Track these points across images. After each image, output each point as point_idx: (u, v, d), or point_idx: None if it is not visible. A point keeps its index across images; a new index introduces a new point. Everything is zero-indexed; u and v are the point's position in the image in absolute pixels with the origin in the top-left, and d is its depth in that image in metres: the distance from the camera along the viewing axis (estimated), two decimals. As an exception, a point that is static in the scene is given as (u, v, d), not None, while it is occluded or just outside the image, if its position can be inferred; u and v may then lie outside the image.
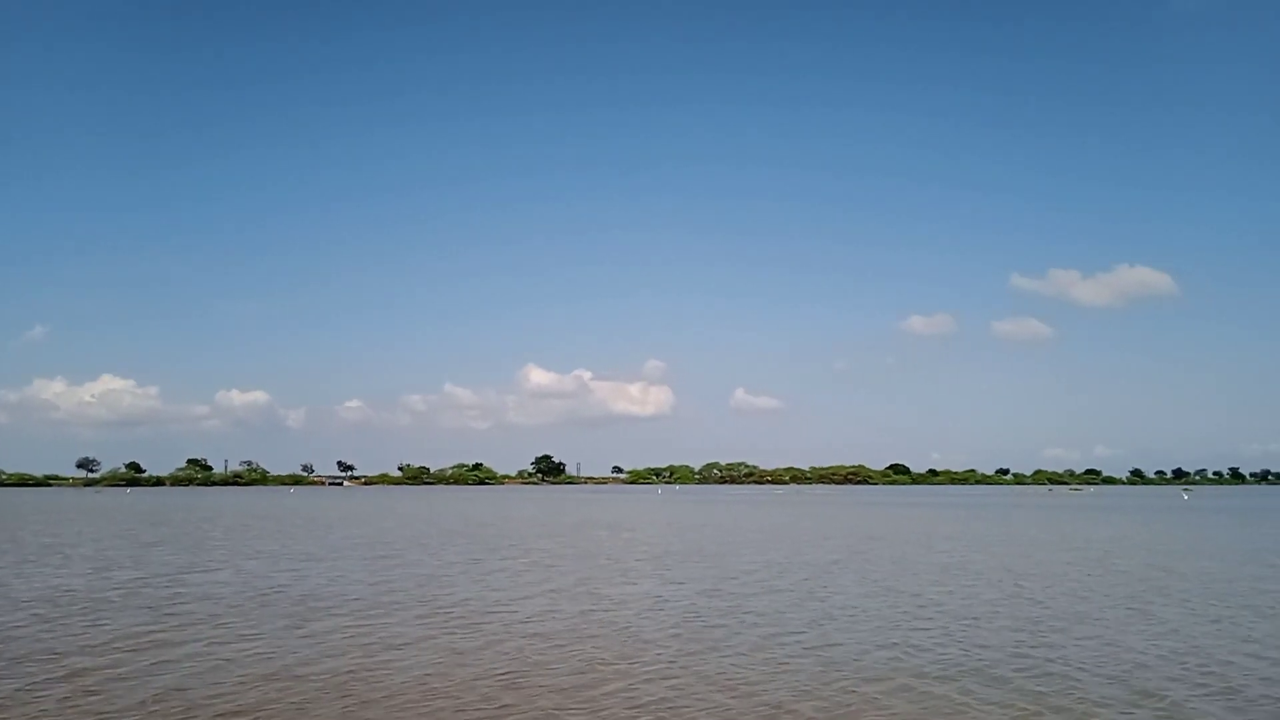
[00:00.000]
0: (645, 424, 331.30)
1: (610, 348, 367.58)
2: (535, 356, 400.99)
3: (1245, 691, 12.96)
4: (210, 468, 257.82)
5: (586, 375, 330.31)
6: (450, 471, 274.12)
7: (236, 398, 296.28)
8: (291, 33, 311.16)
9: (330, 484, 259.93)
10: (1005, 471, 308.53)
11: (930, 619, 19.09)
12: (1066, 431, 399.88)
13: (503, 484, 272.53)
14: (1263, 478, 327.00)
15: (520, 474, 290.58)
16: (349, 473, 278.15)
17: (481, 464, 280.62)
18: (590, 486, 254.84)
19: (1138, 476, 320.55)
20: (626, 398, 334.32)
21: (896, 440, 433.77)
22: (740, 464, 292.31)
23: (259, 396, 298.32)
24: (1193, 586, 24.91)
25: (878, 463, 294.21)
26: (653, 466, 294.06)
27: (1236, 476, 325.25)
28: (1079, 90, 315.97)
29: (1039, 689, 13.02)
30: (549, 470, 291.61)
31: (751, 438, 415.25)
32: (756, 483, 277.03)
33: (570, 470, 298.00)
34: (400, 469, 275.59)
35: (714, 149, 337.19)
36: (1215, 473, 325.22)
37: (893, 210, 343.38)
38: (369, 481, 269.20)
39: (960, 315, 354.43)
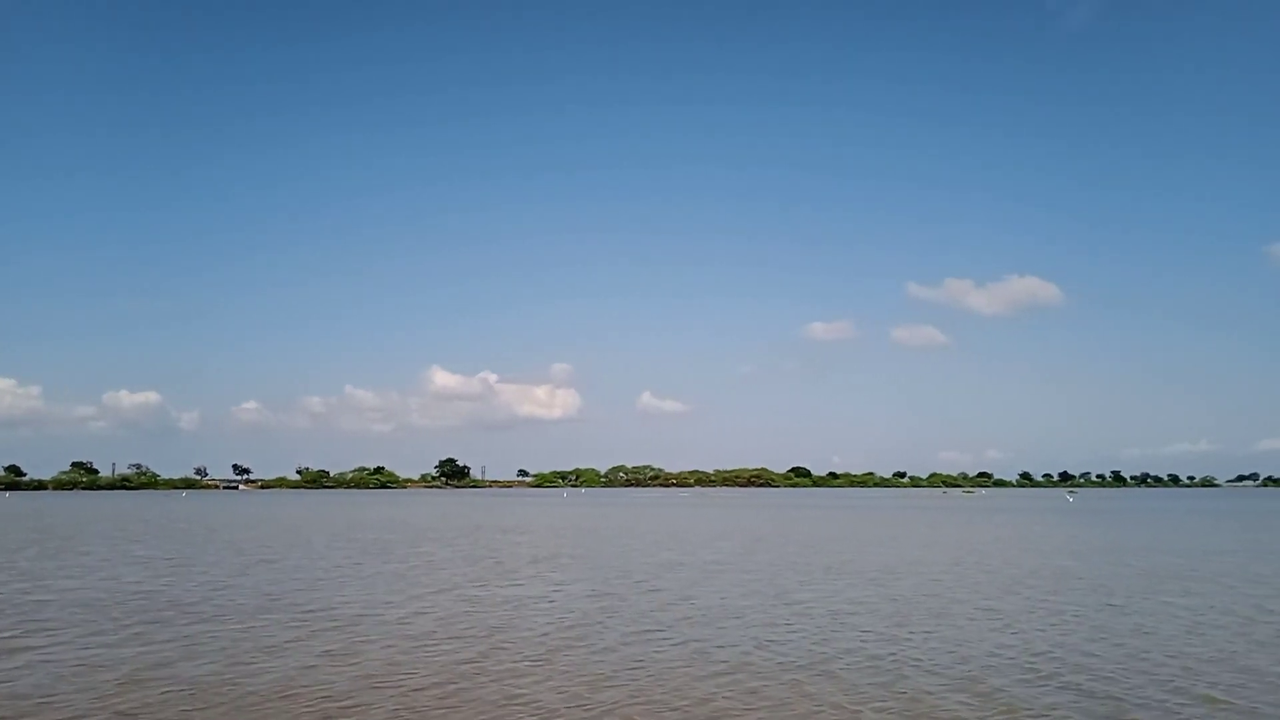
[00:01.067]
0: (552, 427, 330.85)
1: (516, 350, 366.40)
2: (439, 358, 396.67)
3: (1060, 677, 14.00)
4: (96, 471, 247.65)
5: (492, 378, 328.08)
6: (351, 475, 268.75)
7: (125, 398, 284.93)
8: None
9: (225, 488, 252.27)
10: (902, 474, 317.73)
11: (789, 618, 19.89)
12: (960, 435, 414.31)
13: (405, 488, 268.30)
14: (1142, 480, 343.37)
15: (424, 477, 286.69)
16: (244, 476, 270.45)
17: (383, 467, 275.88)
18: (495, 490, 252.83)
19: (1026, 479, 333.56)
20: (533, 400, 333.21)
21: (799, 444, 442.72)
22: (646, 467, 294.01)
23: (150, 397, 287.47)
24: (1045, 584, 26.40)
25: (780, 466, 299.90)
26: (559, 469, 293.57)
27: (1118, 479, 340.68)
28: (971, 108, 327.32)
29: (865, 680, 13.85)
30: (453, 474, 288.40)
31: (658, 441, 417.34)
32: (662, 485, 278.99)
33: (475, 474, 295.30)
34: (299, 472, 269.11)
35: (620, 152, 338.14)
36: (1098, 476, 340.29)
37: (797, 219, 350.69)
38: (265, 485, 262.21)
39: (860, 322, 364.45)
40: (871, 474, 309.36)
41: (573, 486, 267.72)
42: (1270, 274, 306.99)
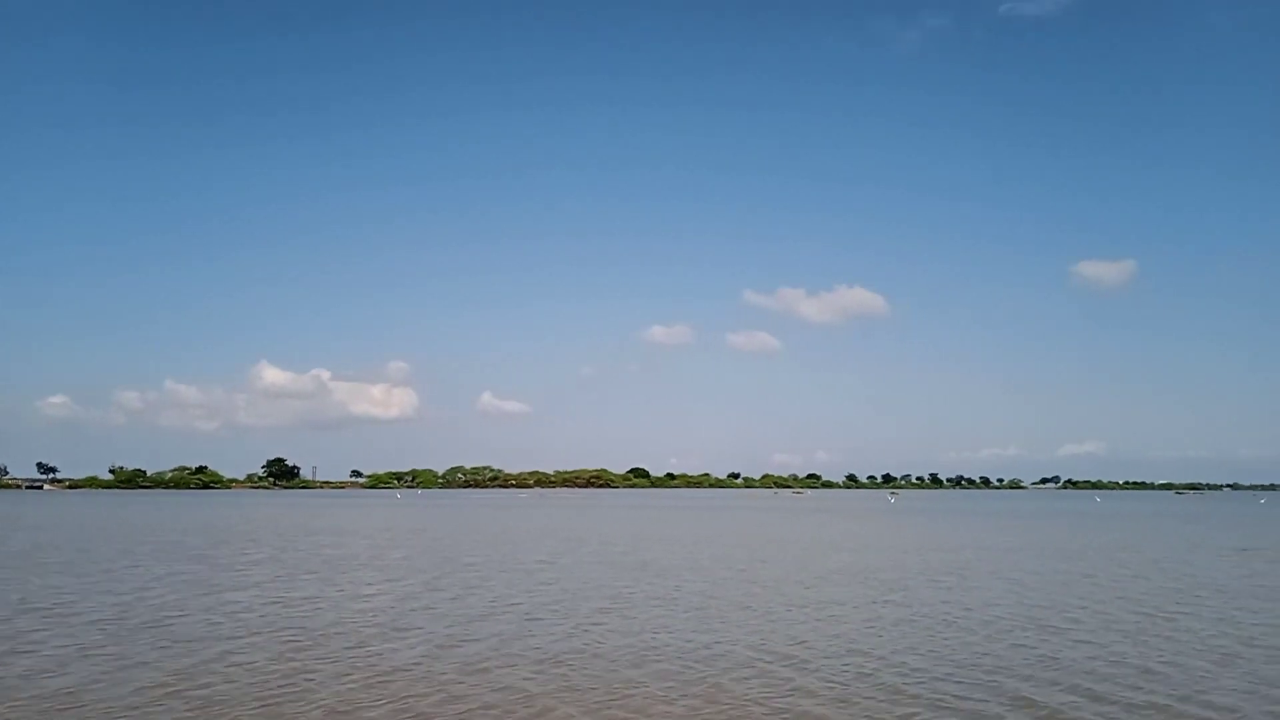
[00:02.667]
0: (387, 427, 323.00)
1: (351, 347, 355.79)
2: (269, 353, 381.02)
3: (757, 665, 14.99)
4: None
5: (325, 375, 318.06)
6: (170, 475, 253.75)
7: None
8: None
9: (28, 487, 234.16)
10: (737, 475, 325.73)
11: (562, 613, 20.39)
12: (792, 438, 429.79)
13: (230, 488, 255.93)
14: (957, 483, 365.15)
15: (250, 478, 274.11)
16: (50, 475, 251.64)
17: (206, 467, 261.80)
18: (326, 491, 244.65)
19: (852, 480, 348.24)
20: (368, 399, 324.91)
21: (638, 445, 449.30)
22: (485, 468, 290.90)
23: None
24: (838, 579, 27.99)
25: (620, 467, 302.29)
26: (395, 470, 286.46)
27: (935, 481, 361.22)
28: (805, 126, 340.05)
29: (571, 668, 14.47)
30: (282, 474, 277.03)
31: (498, 442, 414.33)
32: (501, 486, 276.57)
33: (305, 474, 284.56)
34: (111, 471, 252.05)
35: (462, 154, 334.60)
36: (918, 478, 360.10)
37: (638, 223, 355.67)
38: (74, 485, 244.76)
39: (698, 326, 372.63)
40: (708, 475, 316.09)
41: (408, 488, 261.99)
42: (1076, 290, 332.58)
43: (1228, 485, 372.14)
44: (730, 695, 12.91)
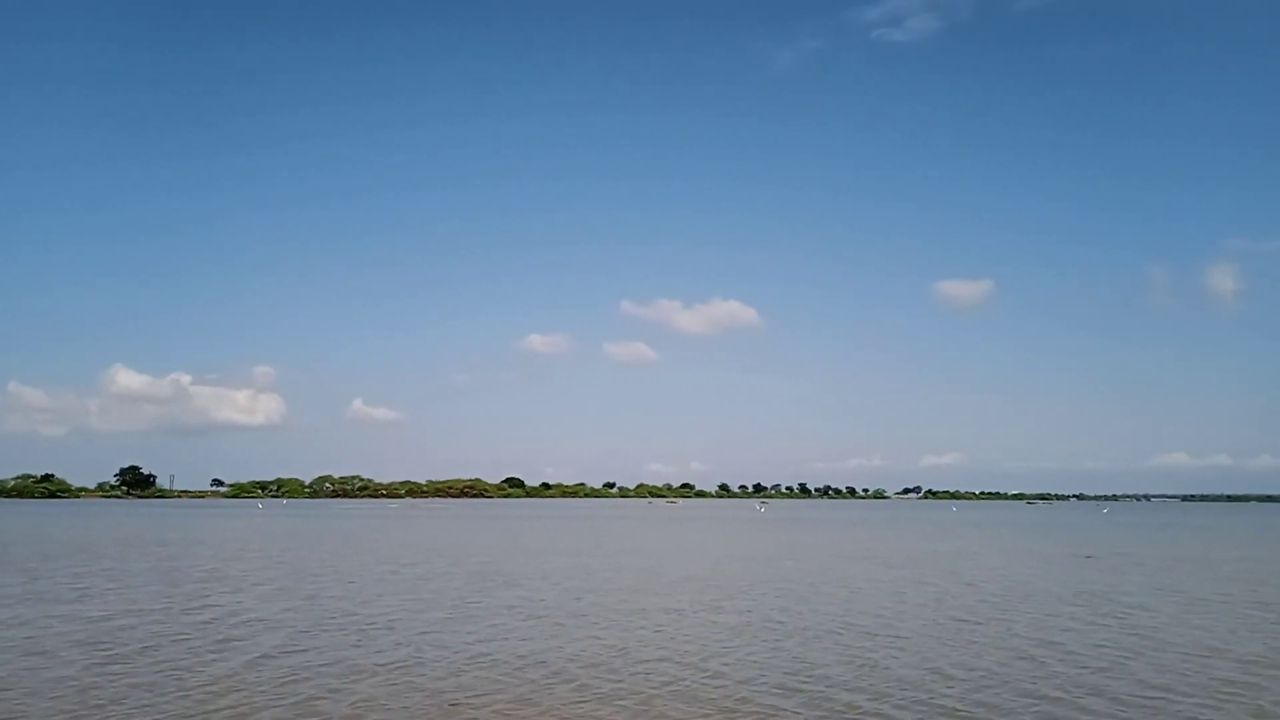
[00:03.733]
0: (252, 434, 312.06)
1: (214, 349, 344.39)
2: (124, 356, 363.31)
3: (566, 668, 15.27)
4: None
5: (185, 379, 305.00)
6: (12, 483, 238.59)
7: None
8: None
9: None
10: (612, 485, 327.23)
11: (399, 623, 20.19)
12: (667, 448, 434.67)
13: (79, 497, 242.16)
14: (824, 492, 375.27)
15: (101, 487, 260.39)
16: None
17: (53, 475, 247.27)
18: (184, 501, 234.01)
19: (724, 490, 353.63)
20: (231, 405, 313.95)
21: (513, 454, 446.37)
22: (355, 477, 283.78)
23: None
24: (648, 583, 28.50)
25: (494, 476, 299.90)
26: (259, 480, 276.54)
27: (804, 491, 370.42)
28: (682, 142, 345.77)
29: (382, 680, 14.42)
30: (136, 483, 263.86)
31: (368, 450, 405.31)
32: (371, 496, 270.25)
33: (163, 483, 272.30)
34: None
35: (336, 155, 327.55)
36: (787, 487, 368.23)
37: (516, 232, 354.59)
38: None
39: (576, 336, 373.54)
40: (583, 485, 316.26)
41: (273, 498, 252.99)
42: (937, 308, 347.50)
43: (1074, 495, 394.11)
44: (531, 704, 13.02)
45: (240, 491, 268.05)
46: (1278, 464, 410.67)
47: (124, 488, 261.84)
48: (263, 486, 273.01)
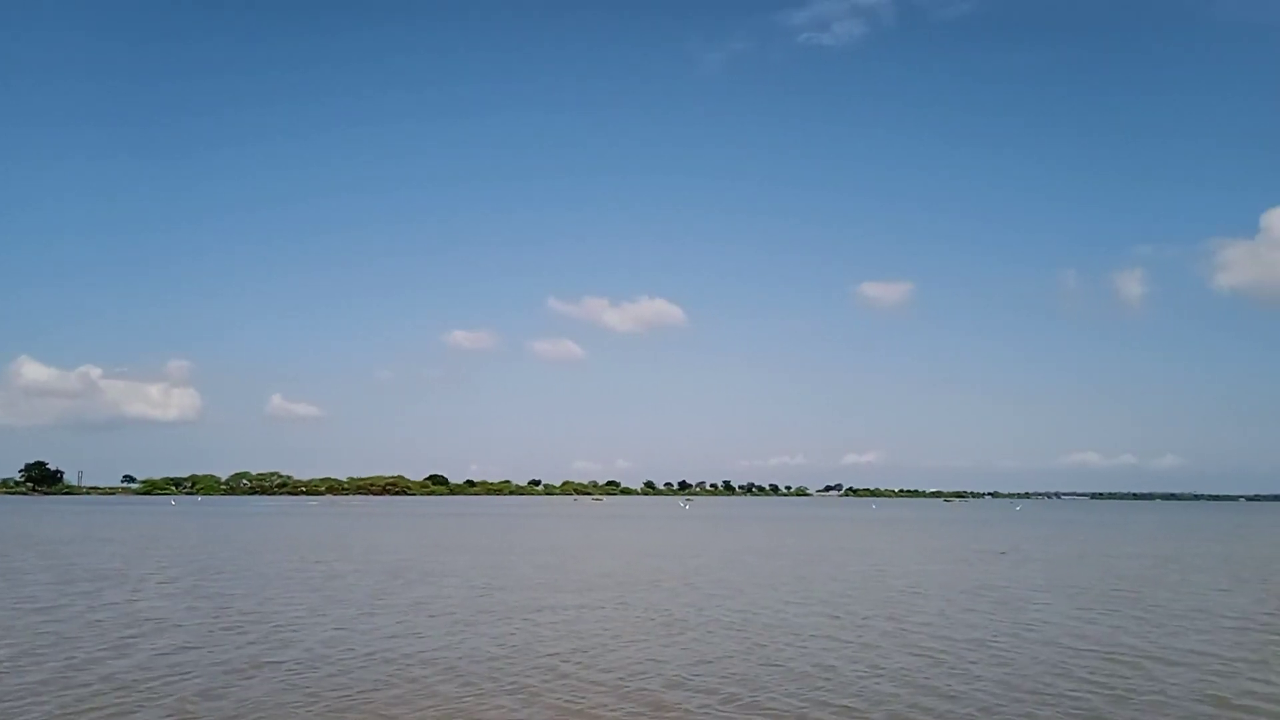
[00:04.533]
0: (166, 429, 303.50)
1: (125, 342, 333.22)
2: (30, 347, 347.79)
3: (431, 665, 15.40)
4: None
5: (95, 372, 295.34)
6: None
7: None
8: None
9: None
10: (538, 482, 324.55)
11: (282, 621, 20.03)
12: (593, 445, 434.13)
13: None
14: (748, 489, 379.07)
15: (5, 483, 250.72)
16: None
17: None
18: (92, 498, 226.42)
19: (650, 487, 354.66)
20: (144, 399, 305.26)
21: (437, 451, 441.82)
22: (273, 474, 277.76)
23: None
24: (545, 578, 28.69)
25: (418, 473, 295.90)
26: (172, 476, 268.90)
27: (728, 488, 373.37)
28: (613, 140, 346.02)
29: (249, 678, 14.41)
30: (42, 479, 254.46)
31: (288, 446, 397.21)
32: (291, 494, 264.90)
33: (70, 479, 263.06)
34: None
35: (259, 147, 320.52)
36: (712, 484, 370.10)
37: (440, 227, 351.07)
38: None
39: (502, 332, 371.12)
40: (508, 482, 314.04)
41: (187, 494, 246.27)
42: (859, 310, 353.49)
43: (989, 493, 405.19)
44: (406, 703, 13.07)
45: (153, 488, 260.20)
46: (1180, 463, 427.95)
47: (29, 484, 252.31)
48: (176, 483, 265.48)
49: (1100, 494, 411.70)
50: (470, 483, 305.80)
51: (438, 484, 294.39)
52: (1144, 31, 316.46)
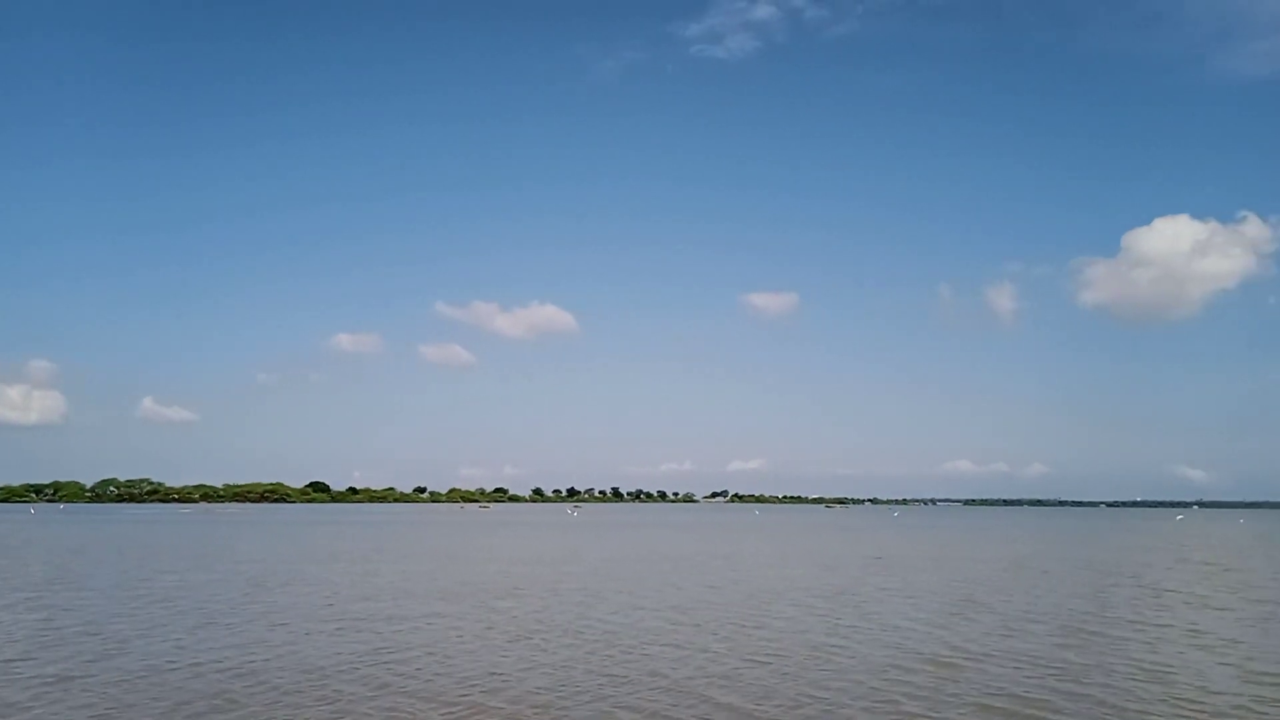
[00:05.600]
0: (26, 434, 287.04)
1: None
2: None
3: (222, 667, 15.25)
4: None
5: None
6: None
7: None
8: None
9: None
10: (423, 490, 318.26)
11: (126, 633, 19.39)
12: (481, 452, 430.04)
13: None
14: (636, 496, 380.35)
15: None
16: None
17: None
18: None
19: (539, 494, 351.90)
20: (2, 401, 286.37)
21: (319, 457, 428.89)
22: (144, 480, 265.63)
23: None
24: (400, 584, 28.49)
25: (298, 480, 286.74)
26: (33, 483, 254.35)
27: (617, 495, 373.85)
28: (504, 144, 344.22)
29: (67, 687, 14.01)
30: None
31: (160, 452, 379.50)
32: (163, 501, 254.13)
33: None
34: None
35: (139, 145, 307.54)
36: (601, 491, 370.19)
37: (323, 226, 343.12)
38: None
39: (388, 336, 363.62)
40: (393, 489, 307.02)
41: (48, 501, 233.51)
42: (745, 319, 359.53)
43: (869, 500, 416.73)
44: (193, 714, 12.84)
45: (11, 495, 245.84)
46: (1047, 471, 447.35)
47: None
48: (37, 490, 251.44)
49: (973, 500, 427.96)
50: (353, 490, 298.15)
51: (319, 491, 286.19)
52: (1014, 60, 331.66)
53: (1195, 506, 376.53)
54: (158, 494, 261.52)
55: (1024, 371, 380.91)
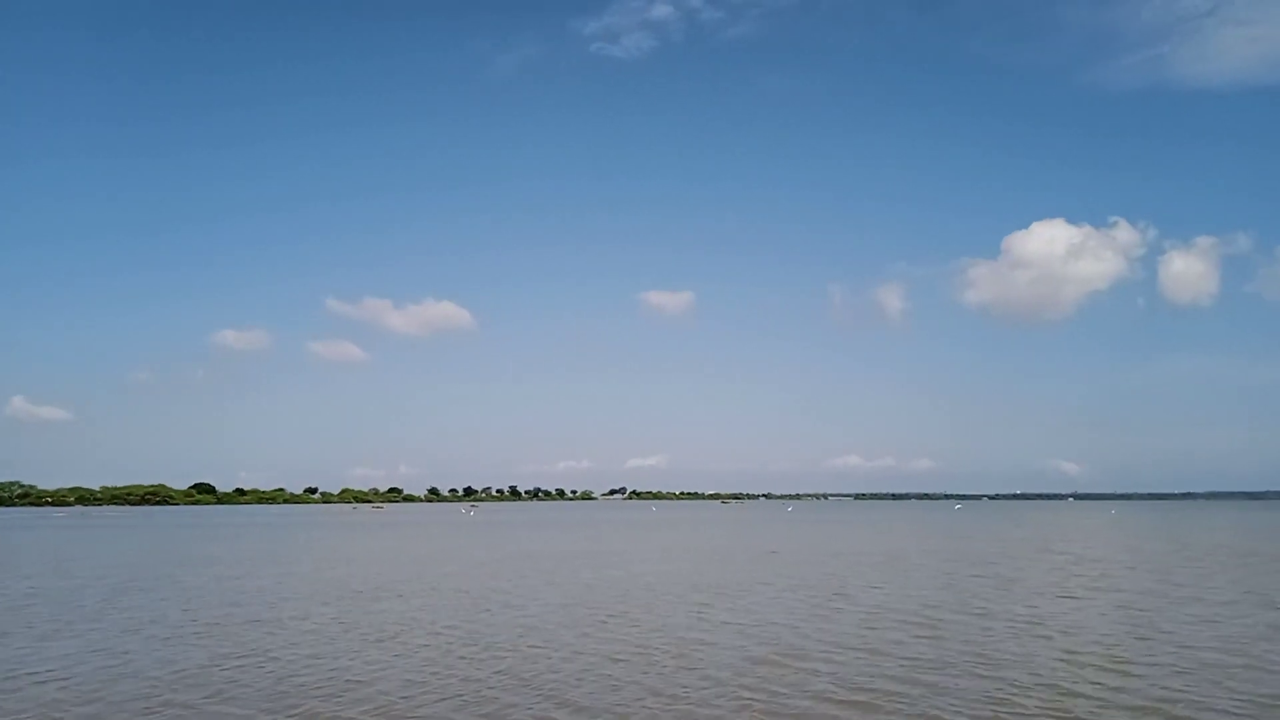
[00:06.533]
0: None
1: None
2: None
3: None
4: None
5: None
6: None
7: None
8: None
9: None
10: (314, 490, 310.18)
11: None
12: (374, 451, 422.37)
13: None
14: (534, 494, 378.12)
15: None
16: None
17: None
18: None
19: (434, 494, 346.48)
20: None
21: (204, 458, 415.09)
22: (14, 484, 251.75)
23: None
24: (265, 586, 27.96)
25: (181, 482, 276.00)
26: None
27: (515, 493, 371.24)
28: (395, 138, 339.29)
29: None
30: None
31: (31, 453, 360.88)
32: (34, 504, 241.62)
33: None
34: None
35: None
36: (498, 490, 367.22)
37: (206, 219, 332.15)
38: None
39: (276, 332, 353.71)
40: (282, 490, 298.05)
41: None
42: (643, 317, 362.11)
43: (764, 495, 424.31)
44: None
45: None
46: (933, 465, 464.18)
47: None
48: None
49: (863, 494, 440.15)
50: (240, 491, 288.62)
51: (204, 493, 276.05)
52: (902, 67, 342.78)
53: (1071, 498, 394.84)
54: (29, 497, 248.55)
55: (911, 369, 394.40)
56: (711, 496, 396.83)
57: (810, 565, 38.99)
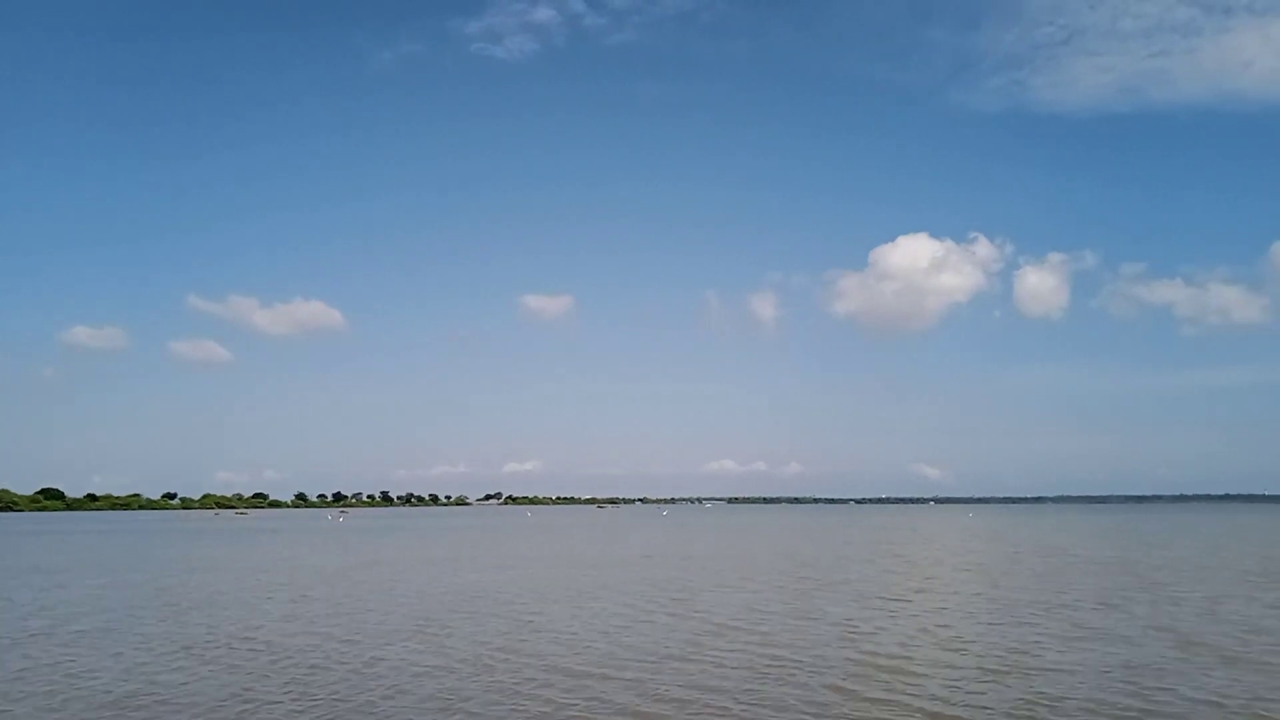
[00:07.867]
0: None
1: None
2: None
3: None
4: None
5: None
6: None
7: None
8: None
9: None
10: (173, 495, 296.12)
11: None
12: (239, 455, 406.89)
13: None
14: (407, 500, 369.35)
15: None
16: None
17: None
18: None
19: (302, 499, 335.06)
20: None
21: (52, 462, 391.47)
22: None
23: None
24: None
25: (26, 486, 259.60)
26: None
27: (386, 499, 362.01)
28: (264, 131, 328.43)
29: None
30: None
31: None
32: None
33: None
34: None
35: None
36: (369, 495, 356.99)
37: (55, 212, 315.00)
38: None
39: (133, 330, 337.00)
40: (138, 495, 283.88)
41: None
42: (521, 320, 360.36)
43: (639, 499, 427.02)
44: None
45: None
46: (803, 470, 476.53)
47: None
48: None
49: (736, 498, 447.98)
50: (92, 497, 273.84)
51: (51, 499, 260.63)
52: (778, 80, 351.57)
53: (932, 502, 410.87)
54: None
55: (783, 376, 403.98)
56: (588, 501, 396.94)
57: (669, 569, 39.54)
